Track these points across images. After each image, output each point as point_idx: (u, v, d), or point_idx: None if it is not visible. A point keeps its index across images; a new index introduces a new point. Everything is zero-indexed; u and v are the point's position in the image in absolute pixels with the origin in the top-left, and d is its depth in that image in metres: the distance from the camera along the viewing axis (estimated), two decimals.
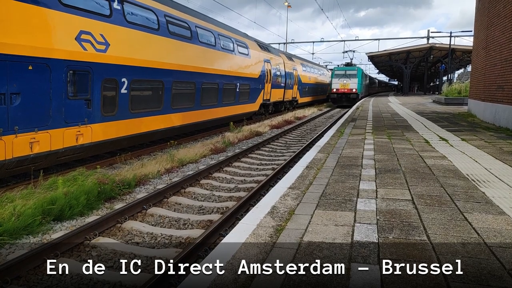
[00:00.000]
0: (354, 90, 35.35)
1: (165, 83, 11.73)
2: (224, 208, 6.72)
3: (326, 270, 2.85)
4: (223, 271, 2.85)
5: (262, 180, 8.27)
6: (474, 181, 5.46)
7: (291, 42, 55.06)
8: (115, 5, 9.53)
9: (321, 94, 40.52)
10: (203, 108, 14.50)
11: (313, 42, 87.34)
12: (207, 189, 8.03)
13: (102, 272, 4.49)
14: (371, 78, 64.92)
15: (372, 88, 67.79)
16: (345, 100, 35.18)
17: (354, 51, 54.52)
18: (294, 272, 2.83)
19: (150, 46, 10.88)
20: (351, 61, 43.56)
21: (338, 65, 41.01)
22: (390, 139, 9.80)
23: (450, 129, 11.95)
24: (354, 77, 35.77)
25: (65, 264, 4.61)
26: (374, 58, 58.31)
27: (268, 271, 2.85)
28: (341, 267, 2.90)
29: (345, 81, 35.41)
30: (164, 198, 7.20)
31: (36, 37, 7.31)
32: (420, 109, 22.95)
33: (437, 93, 48.44)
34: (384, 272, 2.80)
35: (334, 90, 35.85)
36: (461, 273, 2.77)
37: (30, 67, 7.20)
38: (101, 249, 5.13)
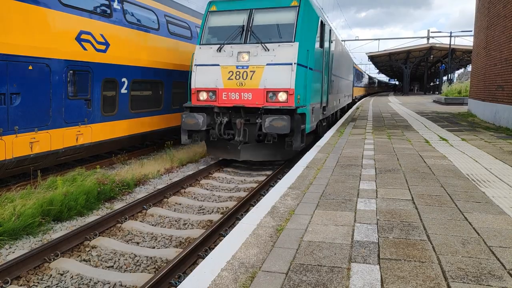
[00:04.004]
0: (283, 98, 8.46)
1: (166, 83, 11.74)
2: (224, 208, 6.72)
3: (326, 270, 2.85)
4: (223, 271, 2.85)
5: (262, 180, 8.27)
6: (474, 181, 5.46)
7: None
8: (115, 5, 9.53)
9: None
10: None
11: None
12: (207, 189, 8.03)
13: (102, 272, 4.50)
14: (357, 72, 37.93)
15: (360, 88, 42.94)
16: (242, 136, 8.82)
17: None
18: (294, 272, 2.82)
19: (150, 45, 10.87)
20: None
21: None
22: (390, 139, 9.80)
23: (450, 129, 11.94)
24: (287, 33, 8.84)
25: (65, 264, 4.62)
26: (374, 58, 58.37)
27: (268, 271, 2.85)
28: (341, 267, 2.90)
29: (244, 54, 8.78)
30: (164, 198, 7.20)
31: (36, 37, 7.30)
32: (420, 109, 22.95)
33: (437, 93, 48.53)
34: (384, 272, 2.80)
35: (205, 96, 9.02)
36: (461, 273, 2.77)
37: (30, 67, 7.20)
38: (101, 249, 5.13)
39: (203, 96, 9.07)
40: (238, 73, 8.74)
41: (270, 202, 4.56)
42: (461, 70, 65.73)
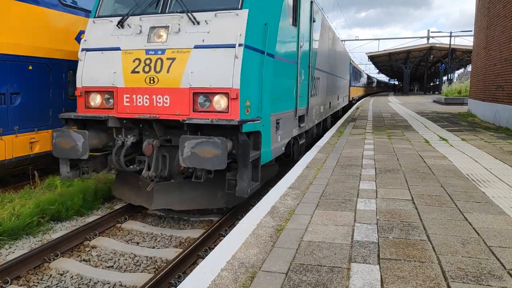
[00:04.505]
0: (222, 105, 5.14)
1: None
2: (224, 208, 6.71)
3: (326, 270, 2.85)
4: (223, 271, 2.85)
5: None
6: (474, 181, 5.46)
7: None
8: None
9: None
10: None
11: None
12: None
13: (102, 272, 4.50)
14: (355, 70, 32.29)
15: (359, 88, 35.92)
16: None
17: None
18: (294, 272, 2.82)
19: None
20: None
21: None
22: (390, 139, 9.80)
23: (450, 129, 11.94)
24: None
25: (65, 264, 4.62)
26: (374, 58, 58.46)
27: (268, 271, 2.85)
28: (341, 267, 2.90)
29: (160, 30, 5.46)
30: None
31: (36, 37, 7.30)
32: (420, 109, 22.95)
33: (437, 93, 48.58)
34: (384, 272, 2.80)
35: (99, 100, 5.78)
36: (461, 273, 2.77)
37: (30, 67, 7.20)
38: (101, 249, 5.13)
39: (96, 100, 5.77)
40: (148, 61, 5.37)
41: (270, 202, 4.56)
42: (461, 70, 65.79)
